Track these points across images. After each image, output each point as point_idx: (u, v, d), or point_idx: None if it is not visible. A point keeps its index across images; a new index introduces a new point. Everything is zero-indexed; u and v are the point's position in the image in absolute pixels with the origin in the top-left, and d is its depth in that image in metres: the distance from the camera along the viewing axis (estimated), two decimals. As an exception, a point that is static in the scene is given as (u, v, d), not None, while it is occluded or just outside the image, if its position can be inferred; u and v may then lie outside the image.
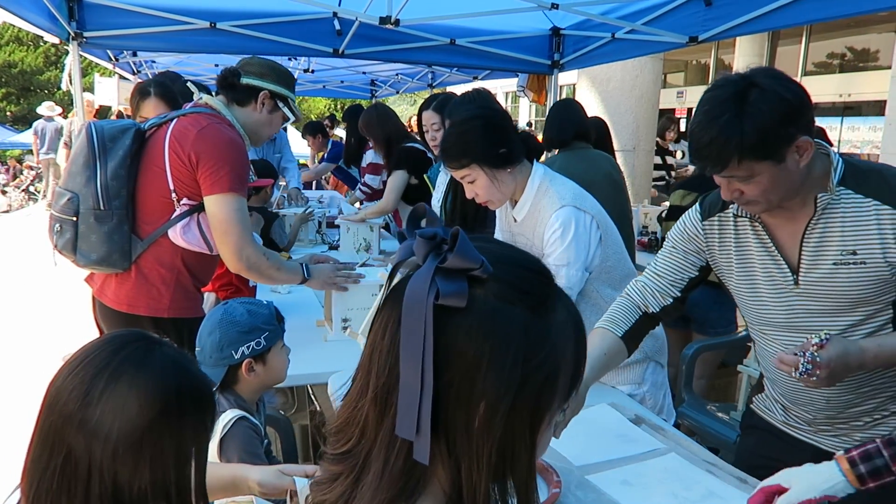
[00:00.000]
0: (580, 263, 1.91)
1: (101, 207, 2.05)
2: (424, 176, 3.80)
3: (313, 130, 6.98)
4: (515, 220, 2.05)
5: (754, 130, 1.25)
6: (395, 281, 0.68)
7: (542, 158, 2.32)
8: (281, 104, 2.27)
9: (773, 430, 1.67)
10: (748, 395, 1.80)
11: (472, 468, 0.63)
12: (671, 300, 1.67)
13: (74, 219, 2.06)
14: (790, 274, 1.46)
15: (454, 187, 2.93)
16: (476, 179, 1.91)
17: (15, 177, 14.66)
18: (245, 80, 2.22)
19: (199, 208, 2.10)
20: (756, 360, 1.75)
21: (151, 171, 2.10)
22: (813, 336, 1.33)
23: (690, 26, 3.64)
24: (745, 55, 12.74)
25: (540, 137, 3.38)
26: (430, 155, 3.75)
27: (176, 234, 2.09)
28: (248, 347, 1.64)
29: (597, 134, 3.55)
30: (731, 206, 1.53)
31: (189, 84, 2.56)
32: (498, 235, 2.23)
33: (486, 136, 1.88)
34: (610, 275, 2.00)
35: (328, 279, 2.38)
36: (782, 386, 1.60)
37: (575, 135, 3.21)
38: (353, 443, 0.67)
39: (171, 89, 2.87)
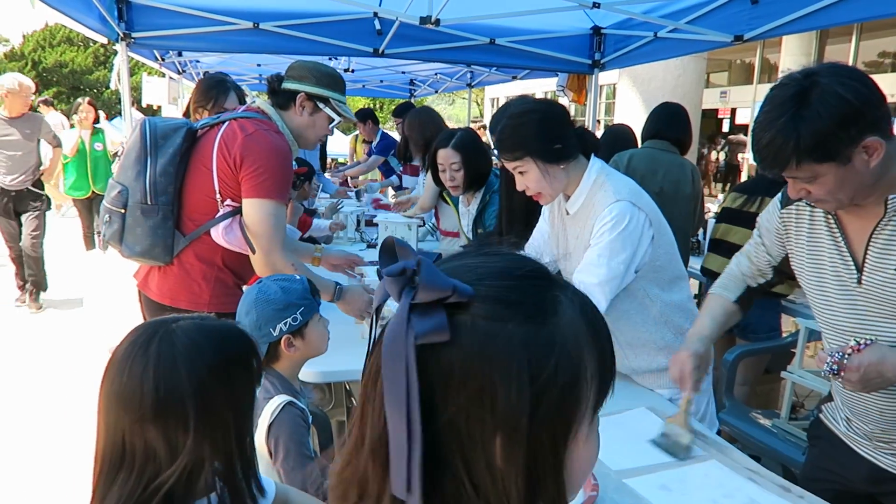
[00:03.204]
0: (624, 256, 1.86)
1: (148, 202, 2.11)
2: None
3: (363, 117, 6.84)
4: (568, 213, 2.03)
5: (810, 133, 1.22)
6: (380, 325, 0.62)
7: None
8: (322, 105, 2.26)
9: (836, 441, 1.62)
10: (818, 403, 1.76)
11: (499, 501, 0.57)
12: (763, 280, 1.74)
13: (123, 211, 2.13)
14: (855, 271, 1.41)
15: (505, 187, 2.90)
16: (527, 172, 1.90)
17: None
18: (285, 85, 2.25)
19: (241, 210, 2.14)
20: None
21: (199, 171, 2.15)
22: (852, 339, 1.32)
23: (735, 24, 3.56)
24: (791, 54, 12.43)
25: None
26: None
27: (218, 234, 2.14)
28: (284, 324, 1.66)
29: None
30: None
31: (245, 88, 2.65)
32: (545, 230, 2.22)
33: (541, 131, 1.86)
34: (658, 275, 1.96)
35: (360, 308, 2.31)
36: (842, 394, 1.55)
37: (675, 139, 3.47)
38: (353, 501, 0.61)
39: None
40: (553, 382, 0.56)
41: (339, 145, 12.45)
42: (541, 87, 17.57)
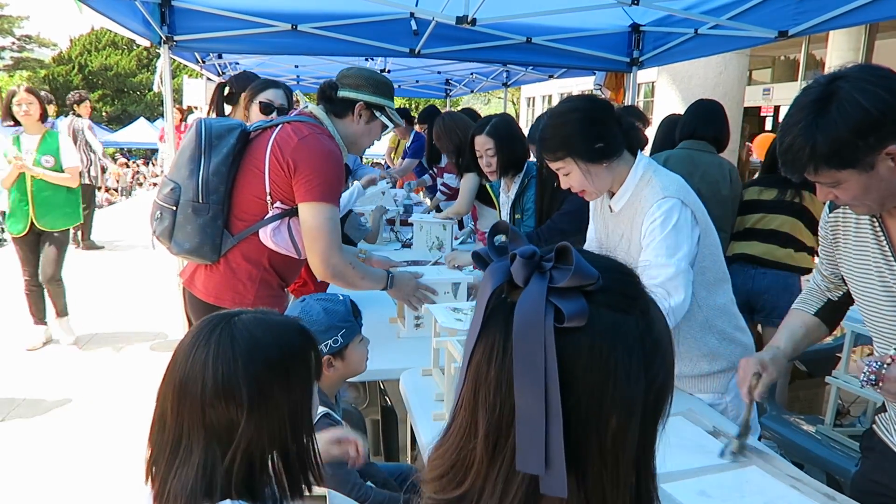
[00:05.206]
0: (682, 253, 1.82)
1: (199, 200, 2.15)
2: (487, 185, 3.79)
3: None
4: (612, 211, 2.00)
5: (826, 141, 1.21)
6: (490, 307, 0.62)
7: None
8: (378, 113, 2.30)
9: (890, 454, 1.56)
10: (872, 413, 1.71)
11: (607, 485, 0.59)
12: (840, 293, 1.69)
13: (174, 208, 2.17)
14: None
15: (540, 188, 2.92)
16: (570, 172, 1.88)
17: None
18: (342, 93, 2.27)
19: (290, 213, 2.17)
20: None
21: (250, 172, 2.18)
22: (892, 348, 1.28)
23: (780, 20, 3.46)
24: (838, 49, 12.10)
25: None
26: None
27: (266, 235, 2.16)
28: (325, 346, 1.68)
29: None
30: None
31: (298, 93, 2.71)
32: (591, 226, 2.20)
33: (583, 131, 1.84)
34: (703, 276, 1.91)
35: (408, 293, 2.40)
36: (893, 406, 1.50)
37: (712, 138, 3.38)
38: (468, 486, 0.62)
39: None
40: (658, 375, 0.61)
41: (376, 146, 12.51)
42: (578, 85, 17.43)
